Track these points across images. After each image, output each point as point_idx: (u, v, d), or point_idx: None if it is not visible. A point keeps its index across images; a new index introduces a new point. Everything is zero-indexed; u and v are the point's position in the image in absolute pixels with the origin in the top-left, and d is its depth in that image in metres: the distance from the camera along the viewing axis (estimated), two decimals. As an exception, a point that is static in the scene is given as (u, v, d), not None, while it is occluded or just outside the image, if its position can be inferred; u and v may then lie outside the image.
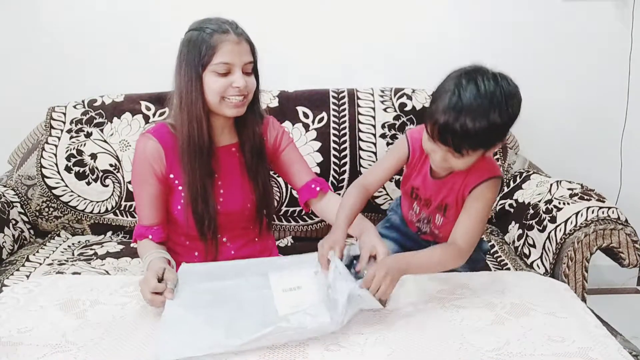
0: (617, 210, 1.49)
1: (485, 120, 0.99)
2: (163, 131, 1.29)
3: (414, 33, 2.05)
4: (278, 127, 1.42)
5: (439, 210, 1.26)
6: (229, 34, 1.20)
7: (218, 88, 1.20)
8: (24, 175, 1.87)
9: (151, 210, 1.29)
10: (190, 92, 1.22)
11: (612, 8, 2.04)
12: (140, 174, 1.28)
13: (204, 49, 1.19)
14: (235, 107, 1.23)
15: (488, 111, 0.99)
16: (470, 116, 0.99)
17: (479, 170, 1.14)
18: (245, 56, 1.22)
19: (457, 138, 1.01)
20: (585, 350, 0.94)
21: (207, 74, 1.21)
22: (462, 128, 0.99)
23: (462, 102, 0.99)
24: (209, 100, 1.22)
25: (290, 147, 1.41)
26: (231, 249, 1.38)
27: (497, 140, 1.06)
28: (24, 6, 2.01)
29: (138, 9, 2.01)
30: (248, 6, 1.97)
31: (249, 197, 1.35)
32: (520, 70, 2.06)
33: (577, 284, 1.45)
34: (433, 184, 1.22)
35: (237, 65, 1.20)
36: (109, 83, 2.02)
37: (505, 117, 1.01)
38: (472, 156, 1.06)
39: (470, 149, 1.04)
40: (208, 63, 1.19)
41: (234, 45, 1.20)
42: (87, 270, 1.59)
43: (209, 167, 1.27)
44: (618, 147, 2.16)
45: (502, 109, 1.00)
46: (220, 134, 1.32)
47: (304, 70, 2.05)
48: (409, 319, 1.04)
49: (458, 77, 1.04)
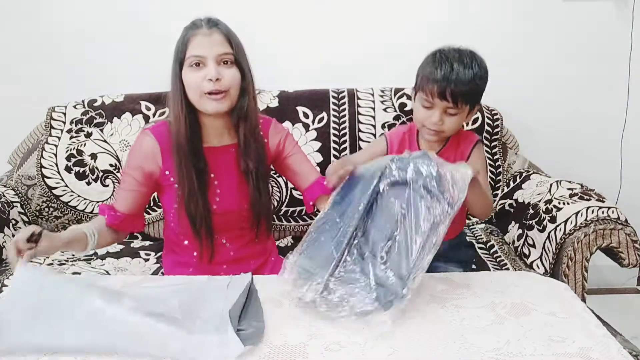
0: (617, 210, 1.49)
1: (471, 70, 1.19)
2: (162, 129, 1.30)
3: (414, 33, 2.05)
4: (281, 129, 1.41)
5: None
6: (201, 27, 1.21)
7: (193, 82, 1.21)
8: (24, 175, 1.87)
9: (123, 198, 1.31)
10: (175, 92, 1.24)
11: (612, 8, 2.04)
12: (130, 165, 1.31)
13: (179, 46, 1.22)
14: (215, 100, 1.21)
15: (471, 61, 1.20)
16: (462, 65, 1.18)
17: (468, 138, 1.33)
18: (218, 47, 1.21)
19: (456, 87, 1.18)
20: (585, 350, 0.94)
21: (185, 70, 1.22)
22: (457, 77, 1.17)
23: (449, 58, 1.20)
24: (191, 97, 1.23)
25: (295, 151, 1.41)
26: (230, 250, 1.38)
27: (478, 96, 1.24)
28: (24, 6, 2.01)
29: (138, 9, 2.01)
30: (248, 6, 1.97)
31: (246, 198, 1.34)
32: (521, 70, 2.10)
33: (577, 284, 1.46)
34: None
35: (209, 57, 1.20)
36: (109, 83, 2.02)
37: (482, 70, 1.22)
38: (462, 112, 1.23)
39: (463, 101, 1.20)
40: (183, 59, 1.21)
41: (203, 37, 1.20)
42: (87, 270, 1.59)
43: (200, 166, 1.27)
44: (618, 147, 2.16)
45: (478, 61, 1.22)
46: (219, 135, 1.32)
47: (304, 70, 2.05)
48: (409, 319, 1.04)
49: (435, 51, 1.26)
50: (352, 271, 1.05)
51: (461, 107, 1.21)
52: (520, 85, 2.10)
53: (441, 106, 1.21)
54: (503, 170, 1.92)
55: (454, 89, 1.18)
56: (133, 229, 1.36)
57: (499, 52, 2.07)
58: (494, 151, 1.93)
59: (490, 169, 1.90)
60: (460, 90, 1.18)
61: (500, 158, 1.93)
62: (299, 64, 2.05)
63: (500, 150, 1.94)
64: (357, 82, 1.97)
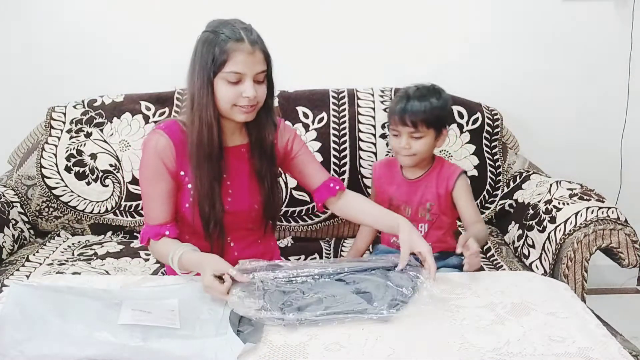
0: (616, 211, 1.49)
1: (427, 101, 1.40)
2: (174, 128, 1.28)
3: (414, 33, 2.05)
4: (290, 130, 1.41)
5: (421, 212, 1.46)
6: (243, 42, 1.18)
7: (228, 97, 1.20)
8: (24, 175, 1.87)
9: (164, 207, 1.27)
10: (202, 97, 1.21)
11: (612, 8, 2.04)
12: (153, 171, 1.26)
13: (217, 55, 1.18)
14: (245, 113, 1.23)
15: (427, 96, 1.41)
16: (417, 99, 1.41)
17: (449, 169, 1.48)
18: (258, 66, 1.20)
19: (412, 115, 1.39)
20: (585, 350, 0.94)
21: (219, 80, 1.20)
22: (413, 107, 1.40)
23: (408, 94, 1.43)
24: (220, 106, 1.22)
25: (303, 151, 1.40)
26: (234, 250, 1.37)
27: (441, 122, 1.43)
28: (24, 6, 2.01)
29: (138, 9, 2.01)
30: (248, 6, 1.96)
31: (256, 198, 1.35)
32: (520, 70, 2.10)
33: (577, 284, 1.45)
34: (408, 185, 1.49)
35: (248, 75, 1.19)
36: (109, 83, 2.02)
37: (441, 102, 1.42)
38: (426, 136, 1.41)
39: (424, 124, 1.39)
40: (220, 70, 1.19)
41: (247, 56, 1.18)
42: (87, 271, 1.59)
43: (218, 169, 1.27)
44: (618, 147, 2.16)
45: (437, 95, 1.43)
46: (231, 135, 1.32)
47: (304, 70, 2.05)
48: (409, 319, 1.04)
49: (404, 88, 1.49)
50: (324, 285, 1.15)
51: (423, 131, 1.40)
52: (520, 85, 2.10)
53: (406, 132, 1.40)
54: (503, 170, 1.92)
55: (410, 117, 1.39)
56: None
57: (498, 52, 2.08)
58: (494, 151, 1.93)
59: (490, 169, 1.90)
60: (417, 115, 1.39)
61: (500, 158, 1.93)
62: (299, 64, 2.05)
63: (500, 150, 1.94)
64: (357, 82, 1.97)
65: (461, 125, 1.88)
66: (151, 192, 1.27)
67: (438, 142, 1.45)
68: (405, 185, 1.49)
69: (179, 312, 1.05)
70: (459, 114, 1.89)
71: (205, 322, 1.04)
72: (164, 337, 0.98)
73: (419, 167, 1.48)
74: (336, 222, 1.89)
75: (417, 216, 1.47)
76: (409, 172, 1.50)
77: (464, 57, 2.07)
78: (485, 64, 2.08)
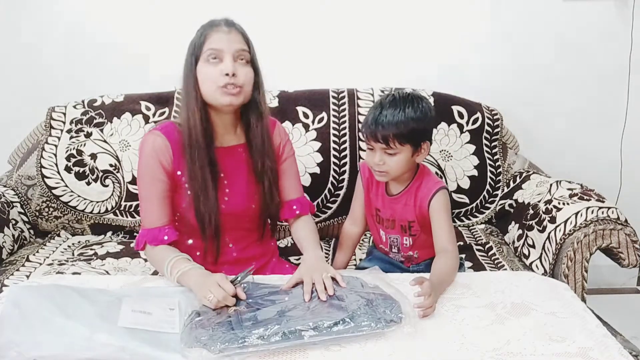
0: (616, 211, 1.49)
1: (402, 112, 1.22)
2: (170, 129, 1.29)
3: (414, 33, 2.05)
4: (284, 134, 1.42)
5: (403, 231, 1.36)
6: (220, 25, 1.23)
7: (209, 76, 1.21)
8: (24, 175, 1.87)
9: (162, 208, 1.27)
10: (187, 86, 1.24)
11: (612, 8, 2.04)
12: (150, 171, 1.26)
13: (196, 41, 1.23)
14: (230, 94, 1.21)
15: (405, 104, 1.24)
16: (390, 110, 1.23)
17: (426, 186, 1.32)
18: (237, 44, 1.22)
19: (384, 130, 1.22)
20: (585, 350, 0.94)
21: (200, 64, 1.22)
22: (384, 119, 1.22)
23: (382, 104, 1.26)
24: (204, 91, 1.23)
25: (290, 160, 1.42)
26: (233, 251, 1.37)
27: (419, 136, 1.25)
28: (24, 6, 2.01)
29: (138, 9, 2.01)
30: (248, 6, 1.96)
31: (254, 198, 1.35)
32: (520, 70, 2.09)
33: (577, 284, 1.45)
34: (389, 202, 1.36)
35: (226, 52, 1.21)
36: (109, 83, 2.02)
37: (418, 112, 1.24)
38: (401, 152, 1.25)
39: (397, 140, 1.23)
40: (200, 53, 1.22)
41: (222, 34, 1.22)
42: (87, 271, 1.59)
43: (213, 166, 1.27)
44: (618, 147, 2.16)
45: (414, 105, 1.24)
46: (226, 134, 1.32)
47: (304, 70, 2.05)
48: (409, 319, 1.03)
49: (382, 96, 1.32)
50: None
51: (396, 147, 1.24)
52: (520, 85, 2.10)
53: (379, 147, 1.26)
54: (503, 170, 1.92)
55: (381, 131, 1.23)
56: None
57: (498, 52, 2.08)
58: (494, 151, 1.93)
59: (490, 169, 1.90)
60: (388, 131, 1.23)
61: (500, 158, 1.93)
62: (299, 64, 2.05)
63: (500, 150, 1.94)
64: (357, 82, 1.97)
65: (461, 125, 1.88)
66: (148, 193, 1.28)
67: (417, 157, 1.30)
68: (387, 200, 1.38)
69: (178, 312, 1.05)
70: (458, 114, 1.89)
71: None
72: (162, 338, 0.98)
73: (398, 182, 1.35)
74: (336, 222, 1.89)
75: (400, 231, 1.38)
76: (390, 185, 1.38)
77: (464, 57, 2.07)
78: (485, 64, 2.08)
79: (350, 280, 1.14)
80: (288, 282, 1.14)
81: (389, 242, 1.41)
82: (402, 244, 1.38)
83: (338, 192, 1.85)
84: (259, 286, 1.14)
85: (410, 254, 1.40)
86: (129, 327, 0.98)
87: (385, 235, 1.41)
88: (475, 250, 1.71)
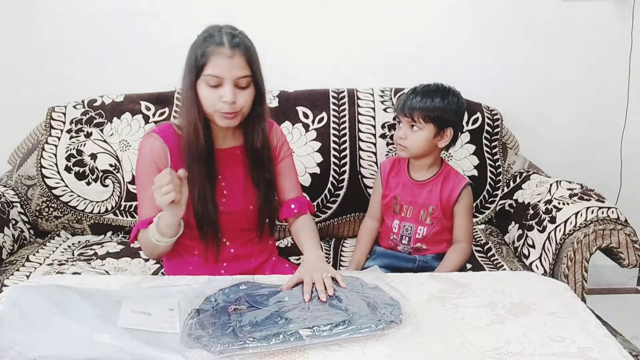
0: (616, 211, 1.49)
1: (430, 99, 1.41)
2: (169, 132, 1.30)
3: (413, 33, 2.05)
4: (280, 135, 1.43)
5: (423, 215, 1.50)
6: (223, 47, 1.18)
7: (208, 100, 1.21)
8: (24, 175, 1.87)
9: (157, 208, 1.27)
10: (187, 99, 1.23)
11: (612, 8, 2.04)
12: (146, 173, 1.27)
13: (198, 58, 1.20)
14: (226, 119, 1.22)
15: (433, 94, 1.42)
16: (425, 92, 1.43)
17: (456, 177, 1.50)
18: (238, 71, 1.19)
19: (412, 105, 1.41)
20: (585, 350, 0.94)
21: (200, 82, 1.21)
22: (417, 97, 1.42)
23: (416, 89, 1.46)
24: (204, 107, 1.23)
25: (287, 160, 1.42)
26: (230, 248, 1.38)
27: (442, 120, 1.42)
28: (24, 6, 2.01)
29: (138, 9, 2.01)
30: (248, 6, 1.96)
31: (251, 199, 1.35)
32: (521, 70, 2.09)
33: (577, 284, 1.45)
34: (413, 186, 1.51)
35: (227, 79, 1.19)
36: (109, 83, 2.02)
37: (445, 102, 1.41)
38: (424, 130, 1.42)
39: (422, 116, 1.41)
40: (201, 73, 1.20)
41: (225, 59, 1.18)
42: (87, 271, 1.59)
43: (211, 170, 1.28)
44: (618, 147, 2.16)
45: (444, 95, 1.42)
46: (224, 136, 1.32)
47: (304, 70, 2.05)
48: (409, 319, 1.03)
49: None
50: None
51: (421, 123, 1.41)
52: (520, 85, 2.10)
53: (406, 122, 1.43)
54: (503, 170, 1.92)
55: (409, 105, 1.42)
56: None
57: (498, 52, 2.08)
58: (494, 151, 1.92)
59: (490, 169, 1.90)
60: (416, 106, 1.41)
61: (500, 158, 1.93)
62: (299, 64, 2.05)
63: (500, 150, 1.94)
64: (357, 82, 1.97)
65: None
66: (145, 195, 1.29)
67: (439, 142, 1.45)
68: (411, 185, 1.51)
69: (178, 312, 1.05)
70: (459, 114, 1.89)
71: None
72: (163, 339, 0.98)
73: (425, 169, 1.50)
74: (336, 222, 1.89)
75: (418, 218, 1.50)
76: (415, 173, 1.52)
77: (464, 57, 2.07)
78: (485, 64, 2.08)
79: (350, 280, 1.14)
80: (288, 282, 1.14)
81: (400, 232, 1.52)
82: (415, 233, 1.50)
83: (338, 192, 1.85)
84: (259, 286, 1.14)
85: (419, 245, 1.51)
86: (129, 327, 0.98)
87: (399, 224, 1.52)
88: (475, 252, 1.71)
